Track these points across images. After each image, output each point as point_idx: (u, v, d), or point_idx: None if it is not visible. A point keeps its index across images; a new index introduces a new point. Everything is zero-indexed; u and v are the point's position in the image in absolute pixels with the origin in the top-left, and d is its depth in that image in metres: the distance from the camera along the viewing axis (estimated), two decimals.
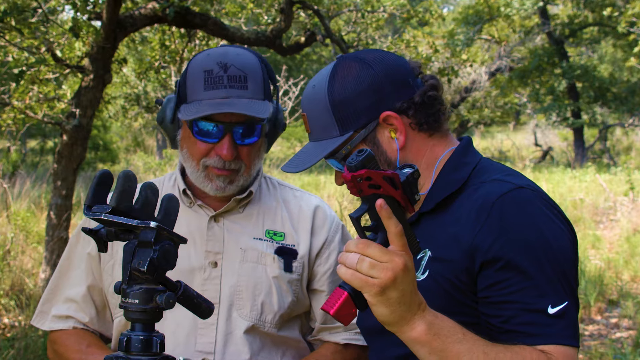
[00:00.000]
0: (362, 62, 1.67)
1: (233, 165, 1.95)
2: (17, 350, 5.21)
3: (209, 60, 1.93)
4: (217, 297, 1.97)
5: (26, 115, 6.90)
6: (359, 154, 1.36)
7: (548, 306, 1.46)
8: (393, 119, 1.65)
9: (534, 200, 1.54)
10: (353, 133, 1.67)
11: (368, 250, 1.36)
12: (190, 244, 2.01)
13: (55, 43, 6.96)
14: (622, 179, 13.99)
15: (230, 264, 1.99)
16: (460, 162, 1.68)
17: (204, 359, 1.94)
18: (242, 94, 1.91)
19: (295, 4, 7.09)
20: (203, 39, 8.38)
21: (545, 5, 19.99)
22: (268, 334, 2.00)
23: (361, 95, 1.65)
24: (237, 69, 1.92)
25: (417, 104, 1.66)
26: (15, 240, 7.33)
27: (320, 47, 22.37)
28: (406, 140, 1.67)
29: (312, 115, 1.72)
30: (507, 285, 1.48)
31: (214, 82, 1.90)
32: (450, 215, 1.61)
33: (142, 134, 23.56)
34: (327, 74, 1.69)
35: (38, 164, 16.28)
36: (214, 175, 1.96)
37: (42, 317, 2.10)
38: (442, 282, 1.56)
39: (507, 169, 1.67)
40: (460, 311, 1.55)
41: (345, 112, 1.66)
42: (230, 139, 1.92)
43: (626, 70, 23.60)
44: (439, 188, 1.66)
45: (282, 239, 2.05)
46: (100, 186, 1.36)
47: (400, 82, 1.66)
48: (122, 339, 1.36)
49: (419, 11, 9.31)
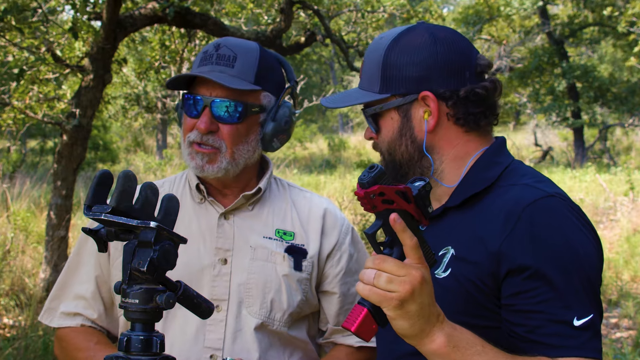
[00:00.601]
0: (431, 37, 1.65)
1: (211, 141, 1.96)
2: (17, 350, 5.21)
3: (212, 42, 2.03)
4: (227, 293, 1.97)
5: (26, 115, 6.90)
6: (371, 171, 1.37)
7: (574, 318, 1.45)
8: (430, 101, 1.63)
9: (564, 210, 1.52)
10: (390, 96, 1.66)
11: (384, 265, 1.37)
12: (200, 241, 2.01)
13: (55, 43, 6.96)
14: (622, 179, 13.99)
15: (239, 262, 2.00)
16: (492, 161, 1.66)
17: (213, 355, 1.94)
18: (225, 70, 1.96)
19: (295, 4, 7.09)
20: (203, 39, 8.38)
21: (545, 5, 19.99)
22: (276, 332, 2.00)
23: (413, 65, 1.64)
24: (228, 49, 1.98)
25: (460, 97, 1.63)
26: (15, 240, 7.33)
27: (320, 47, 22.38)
28: (437, 126, 1.65)
29: (366, 63, 1.72)
30: (534, 295, 1.47)
31: (204, 59, 1.99)
32: (477, 214, 1.59)
33: (142, 134, 23.57)
34: (397, 33, 1.69)
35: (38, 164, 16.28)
36: (193, 152, 1.98)
37: (50, 314, 2.10)
38: (465, 283, 1.54)
39: (538, 175, 1.64)
40: (480, 314, 1.53)
41: (391, 74, 1.65)
42: (208, 113, 1.95)
43: (626, 70, 23.60)
44: (467, 184, 1.64)
45: (291, 238, 2.06)
46: (100, 186, 1.36)
47: (455, 71, 1.64)
48: (122, 339, 1.36)
49: (419, 11, 9.31)
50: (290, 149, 21.96)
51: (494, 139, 1.73)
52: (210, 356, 1.94)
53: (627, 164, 16.96)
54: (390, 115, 1.68)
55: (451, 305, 1.51)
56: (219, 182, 2.05)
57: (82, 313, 2.05)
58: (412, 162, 1.67)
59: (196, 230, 2.02)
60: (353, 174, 15.80)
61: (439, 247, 1.61)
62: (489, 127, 1.70)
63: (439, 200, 1.71)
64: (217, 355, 1.94)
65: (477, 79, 1.66)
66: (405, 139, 1.67)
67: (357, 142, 25.32)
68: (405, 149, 1.67)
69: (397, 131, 1.67)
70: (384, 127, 1.69)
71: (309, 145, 24.45)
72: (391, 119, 1.68)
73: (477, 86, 1.64)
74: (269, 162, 2.16)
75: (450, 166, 1.67)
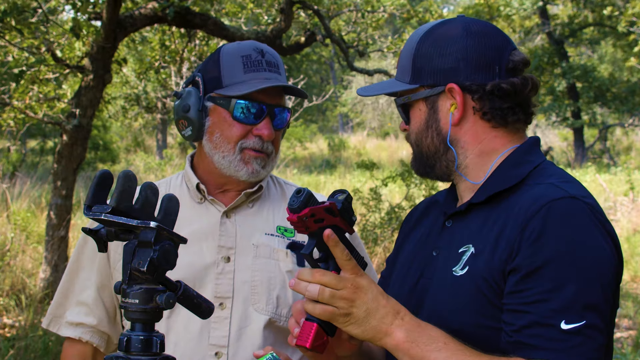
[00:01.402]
0: (464, 30, 1.65)
1: (269, 147, 2.01)
2: (17, 350, 5.22)
3: (243, 47, 2.02)
4: (231, 291, 1.98)
5: (26, 115, 6.90)
6: (299, 195, 1.47)
7: (562, 322, 1.41)
8: (456, 94, 1.62)
9: (582, 214, 1.48)
10: (419, 87, 1.66)
11: (324, 279, 1.47)
12: (203, 240, 2.02)
13: (55, 43, 6.96)
14: (622, 179, 14.00)
15: (243, 259, 2.00)
16: (522, 159, 1.63)
17: (218, 352, 1.94)
18: (278, 77, 2.01)
19: (295, 4, 7.09)
20: (203, 39, 8.39)
21: (545, 5, 20.00)
22: (283, 328, 2.00)
23: (441, 57, 1.64)
24: (271, 56, 2.02)
25: (486, 91, 1.61)
26: (15, 240, 7.34)
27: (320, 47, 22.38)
28: (462, 120, 1.64)
29: (402, 53, 1.73)
30: (527, 295, 1.45)
31: (253, 65, 1.99)
32: (501, 212, 1.57)
33: (142, 134, 23.56)
34: (432, 25, 1.70)
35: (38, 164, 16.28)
36: (250, 157, 1.99)
37: (57, 322, 2.12)
38: (479, 281, 1.52)
39: (566, 175, 1.61)
40: (492, 314, 1.51)
41: (422, 64, 1.66)
42: (270, 120, 1.99)
43: (626, 70, 23.59)
44: (494, 181, 1.61)
45: (292, 235, 2.07)
46: (100, 186, 1.36)
47: (484, 65, 1.62)
48: (122, 339, 1.36)
49: (419, 11, 9.31)
50: (290, 149, 21.96)
51: (526, 137, 1.70)
52: (215, 353, 1.94)
53: (627, 164, 16.97)
54: (419, 106, 1.68)
55: (466, 303, 1.50)
56: (224, 181, 2.06)
57: (84, 322, 2.07)
58: (437, 154, 1.67)
59: (198, 229, 2.02)
60: (353, 174, 15.81)
61: (461, 244, 1.60)
62: (519, 125, 1.67)
63: (462, 197, 1.69)
64: (222, 353, 1.94)
65: (507, 74, 1.63)
66: (432, 131, 1.66)
67: (357, 142, 25.33)
68: (431, 141, 1.67)
69: (424, 122, 1.67)
70: (413, 118, 1.70)
71: (309, 145, 24.45)
72: (419, 110, 1.68)
73: (504, 81, 1.61)
74: None
75: (475, 162, 1.65)
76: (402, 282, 1.75)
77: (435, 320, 1.57)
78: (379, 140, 26.88)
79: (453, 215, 1.68)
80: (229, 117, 1.98)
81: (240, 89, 1.95)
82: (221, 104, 1.98)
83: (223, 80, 1.98)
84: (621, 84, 21.16)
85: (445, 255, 1.64)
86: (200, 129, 2.01)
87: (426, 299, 1.65)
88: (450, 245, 1.64)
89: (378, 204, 8.58)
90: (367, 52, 9.27)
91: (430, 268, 1.67)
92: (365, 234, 8.19)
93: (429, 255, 1.70)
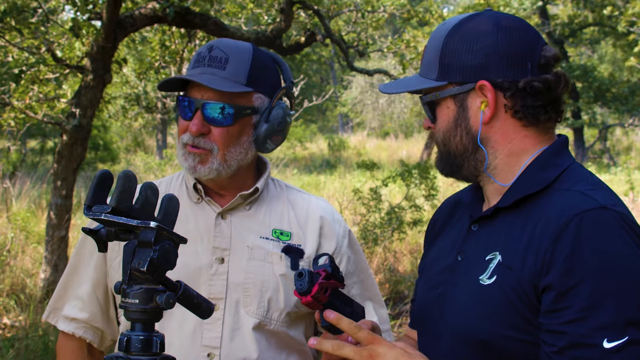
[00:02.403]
0: (495, 25, 1.58)
1: (202, 143, 1.97)
2: (17, 350, 5.22)
3: (206, 44, 2.03)
4: (224, 292, 1.98)
5: (26, 115, 6.90)
6: (301, 278, 1.56)
7: (604, 340, 1.37)
8: (487, 91, 1.56)
9: (614, 225, 1.43)
10: (447, 84, 1.60)
11: (344, 352, 1.49)
12: (198, 240, 2.02)
13: (55, 43, 6.96)
14: (622, 179, 13.99)
15: (236, 261, 2.01)
16: (550, 162, 1.57)
17: (210, 353, 1.95)
18: (216, 72, 1.96)
19: (295, 4, 7.09)
20: (203, 39, 8.38)
21: (545, 5, 20.00)
22: (274, 332, 2.01)
23: (471, 53, 1.57)
24: (220, 51, 1.98)
25: (518, 88, 1.55)
26: (15, 240, 7.34)
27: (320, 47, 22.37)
28: (493, 118, 1.58)
29: (426, 50, 1.67)
30: (564, 315, 1.41)
31: (197, 61, 2.00)
32: (528, 217, 1.52)
33: (142, 134, 23.56)
34: (460, 19, 1.63)
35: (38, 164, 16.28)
36: (186, 152, 2.00)
37: (55, 315, 2.16)
38: (508, 292, 1.48)
39: (594, 180, 1.56)
40: (520, 326, 1.47)
41: (450, 60, 1.59)
42: (200, 116, 1.96)
43: (626, 70, 23.60)
44: (522, 184, 1.56)
45: (288, 238, 2.07)
46: (100, 186, 1.36)
47: (516, 61, 1.56)
48: (122, 339, 1.36)
49: (419, 11, 9.31)
50: (290, 149, 21.96)
51: (556, 137, 1.64)
52: (207, 354, 1.95)
53: (627, 164, 16.97)
54: (447, 104, 1.62)
55: (493, 314, 1.47)
56: (214, 183, 2.06)
57: (78, 317, 2.10)
58: (466, 154, 1.62)
59: (194, 229, 2.03)
60: (353, 174, 15.80)
61: (488, 251, 1.56)
62: (549, 124, 1.61)
63: (489, 200, 1.65)
64: (214, 354, 1.95)
65: (539, 71, 1.57)
66: (460, 130, 1.61)
67: (357, 142, 25.32)
68: (460, 140, 1.61)
69: (452, 121, 1.62)
70: (440, 117, 1.64)
71: (309, 145, 24.46)
72: (447, 108, 1.62)
73: (537, 78, 1.55)
74: (266, 162, 2.17)
75: (504, 162, 1.60)
76: (428, 288, 1.72)
77: (460, 331, 1.55)
78: (379, 140, 26.88)
79: (479, 219, 1.64)
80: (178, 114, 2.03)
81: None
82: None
83: None
84: (621, 84, 21.15)
85: (470, 261, 1.61)
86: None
87: (449, 307, 1.61)
88: (476, 251, 1.60)
89: (378, 204, 8.57)
90: (367, 52, 9.27)
91: (455, 274, 1.63)
92: (365, 234, 8.18)
93: (454, 260, 1.66)
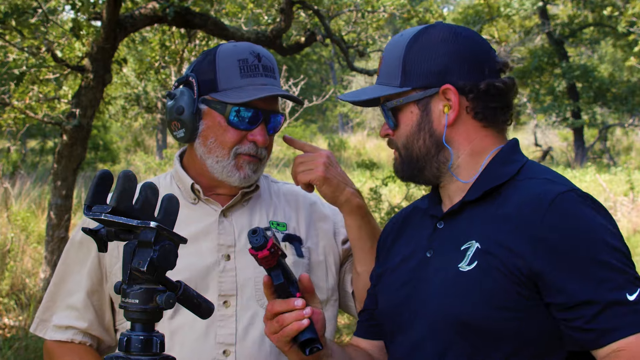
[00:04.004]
0: (453, 33, 1.68)
1: (263, 152, 2.02)
2: (17, 351, 5.22)
3: (240, 50, 1.99)
4: (234, 289, 1.98)
5: (26, 115, 6.90)
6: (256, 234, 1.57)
7: (626, 294, 1.45)
8: (451, 94, 1.65)
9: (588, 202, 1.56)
10: (411, 90, 1.68)
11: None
12: (201, 240, 2.01)
13: (56, 43, 6.96)
14: (622, 179, 14.00)
15: (243, 257, 2.00)
16: (509, 158, 1.69)
17: (226, 350, 1.94)
18: (274, 82, 2.00)
19: (295, 4, 7.09)
20: (203, 39, 8.39)
21: (545, 5, 20.00)
22: None
23: (434, 59, 1.66)
24: (267, 60, 2.00)
25: (480, 90, 1.65)
26: (15, 240, 7.33)
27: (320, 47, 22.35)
28: (456, 120, 1.67)
29: (385, 59, 1.74)
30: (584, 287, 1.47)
31: (250, 69, 1.97)
32: (498, 208, 1.60)
33: (142, 134, 23.56)
34: (418, 29, 1.72)
35: (38, 164, 16.27)
36: (245, 162, 1.99)
37: (43, 326, 2.09)
38: (496, 276, 1.54)
39: (553, 171, 1.68)
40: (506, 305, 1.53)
41: (412, 67, 1.68)
42: (265, 126, 1.99)
43: (626, 70, 23.60)
44: (487, 178, 1.66)
45: (285, 229, 2.09)
46: (100, 186, 1.36)
47: (475, 66, 1.67)
48: (122, 339, 1.36)
49: (419, 11, 9.31)
50: (290, 149, 21.95)
51: (507, 138, 1.75)
52: (223, 352, 1.94)
53: (627, 164, 16.98)
54: (410, 109, 1.69)
55: (476, 297, 1.53)
56: (216, 184, 2.05)
57: (74, 325, 2.04)
58: (428, 156, 1.69)
59: (195, 230, 2.01)
60: (353, 173, 15.81)
61: (461, 241, 1.62)
62: (503, 126, 1.73)
63: (451, 198, 1.72)
64: (229, 351, 1.93)
65: (494, 76, 1.69)
66: (424, 133, 1.69)
67: (357, 142, 25.33)
68: (423, 143, 1.69)
69: (415, 125, 1.69)
70: (403, 122, 1.71)
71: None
72: (410, 112, 1.69)
73: (497, 80, 1.67)
74: None
75: (466, 161, 1.69)
76: (395, 289, 1.76)
77: (439, 314, 1.60)
78: (378, 140, 26.85)
79: (444, 216, 1.70)
80: (224, 122, 1.96)
81: (240, 96, 1.92)
82: (217, 108, 1.96)
83: (219, 84, 1.96)
84: (621, 84, 21.16)
85: (442, 254, 1.66)
86: (193, 132, 1.99)
87: (424, 298, 1.65)
88: (447, 244, 1.65)
89: (378, 204, 8.57)
90: (367, 52, 9.27)
91: (426, 269, 1.68)
92: None
93: (422, 258, 1.71)
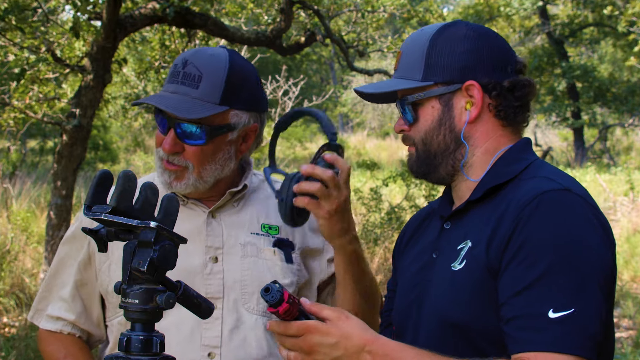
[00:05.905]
0: (475, 31, 1.67)
1: (177, 161, 1.94)
2: (17, 350, 5.22)
3: (182, 55, 1.99)
4: (221, 291, 1.97)
5: (26, 115, 6.90)
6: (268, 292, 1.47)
7: (549, 310, 1.39)
8: (475, 91, 1.63)
9: (576, 205, 1.50)
10: (433, 84, 1.66)
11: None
12: (189, 241, 1.99)
13: (56, 43, 6.96)
14: (622, 179, 13.99)
15: (231, 259, 2.00)
16: (517, 157, 1.66)
17: (211, 353, 1.94)
18: (188, 91, 1.91)
19: (295, 4, 7.08)
20: (203, 39, 8.38)
21: (545, 5, 20.00)
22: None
23: (460, 54, 1.64)
24: (194, 68, 1.92)
25: (504, 88, 1.64)
26: (15, 240, 7.33)
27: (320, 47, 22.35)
28: (478, 117, 1.65)
29: (406, 52, 1.71)
30: (514, 287, 1.45)
31: (172, 75, 1.96)
32: (496, 206, 1.58)
33: (142, 134, 23.54)
34: (440, 25, 1.70)
35: (38, 164, 16.27)
36: (162, 167, 1.98)
37: (39, 315, 2.15)
38: (482, 276, 1.52)
39: (560, 171, 1.63)
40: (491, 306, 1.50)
41: (436, 61, 1.65)
42: (173, 134, 1.92)
43: (626, 70, 23.59)
44: (490, 177, 1.64)
45: (277, 232, 2.07)
46: (100, 186, 1.36)
47: (499, 64, 1.65)
48: (122, 339, 1.36)
49: (419, 11, 9.31)
50: (290, 148, 21.96)
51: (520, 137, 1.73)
52: (208, 354, 1.94)
53: (627, 164, 16.98)
54: (431, 104, 1.67)
55: (464, 296, 1.53)
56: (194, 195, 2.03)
57: (63, 317, 2.09)
58: (446, 152, 1.67)
59: (183, 231, 1.99)
60: (353, 174, 15.81)
61: (459, 242, 1.61)
62: (520, 126, 1.71)
63: (461, 197, 1.70)
64: (214, 353, 1.94)
65: (516, 75, 1.68)
66: (444, 129, 1.66)
67: (357, 142, 25.33)
68: (443, 139, 1.66)
69: (436, 120, 1.66)
70: (422, 116, 1.68)
71: (309, 145, 24.45)
72: (432, 107, 1.67)
73: (521, 78, 1.66)
74: (249, 161, 2.15)
75: (479, 159, 1.67)
76: (405, 293, 1.76)
77: (434, 316, 1.60)
78: (379, 140, 26.88)
79: (451, 216, 1.69)
80: None
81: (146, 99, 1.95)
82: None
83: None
84: (621, 84, 21.15)
85: (444, 254, 1.65)
86: None
87: (426, 299, 1.66)
88: (450, 245, 1.65)
89: (378, 204, 8.57)
90: (367, 52, 9.27)
91: (431, 270, 1.68)
92: (366, 234, 8.18)
93: (429, 259, 1.70)
